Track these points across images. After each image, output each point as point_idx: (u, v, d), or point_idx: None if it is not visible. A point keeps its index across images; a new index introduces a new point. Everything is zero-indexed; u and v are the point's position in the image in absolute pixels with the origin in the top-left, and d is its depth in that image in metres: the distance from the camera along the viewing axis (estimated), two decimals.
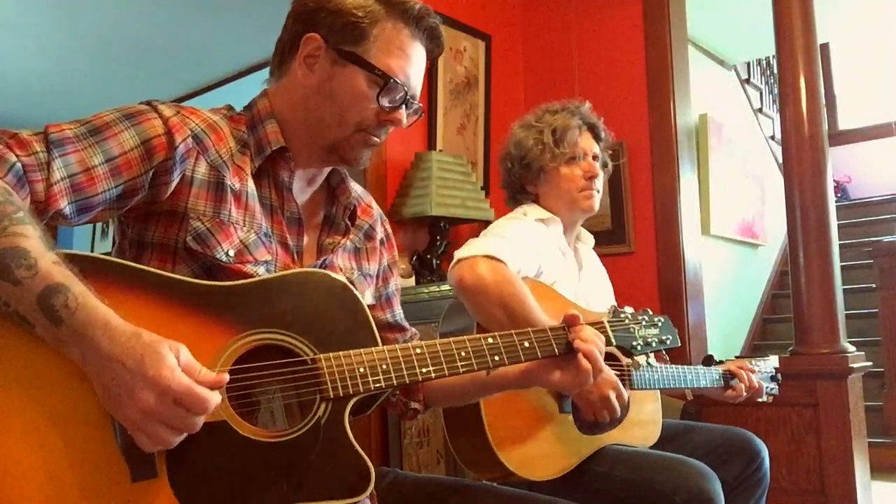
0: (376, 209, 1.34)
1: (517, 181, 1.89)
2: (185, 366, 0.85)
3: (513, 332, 1.15)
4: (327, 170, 1.23)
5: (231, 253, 1.06)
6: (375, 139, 1.17)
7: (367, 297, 1.25)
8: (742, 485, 1.76)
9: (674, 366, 1.80)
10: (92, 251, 5.90)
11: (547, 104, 1.93)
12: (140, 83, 5.38)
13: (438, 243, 3.03)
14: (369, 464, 0.98)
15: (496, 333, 1.13)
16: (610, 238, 3.36)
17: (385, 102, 1.13)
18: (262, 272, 1.08)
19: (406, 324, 1.34)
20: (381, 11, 1.12)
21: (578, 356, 1.16)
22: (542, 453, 1.55)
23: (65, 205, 0.95)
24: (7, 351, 0.85)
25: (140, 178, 1.01)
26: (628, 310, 1.35)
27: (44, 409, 0.85)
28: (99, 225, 6.99)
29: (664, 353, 1.37)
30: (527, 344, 1.15)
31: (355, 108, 1.13)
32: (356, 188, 1.29)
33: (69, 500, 0.84)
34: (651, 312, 1.37)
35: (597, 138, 1.90)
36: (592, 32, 3.60)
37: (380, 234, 1.32)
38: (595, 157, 1.88)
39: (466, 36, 3.43)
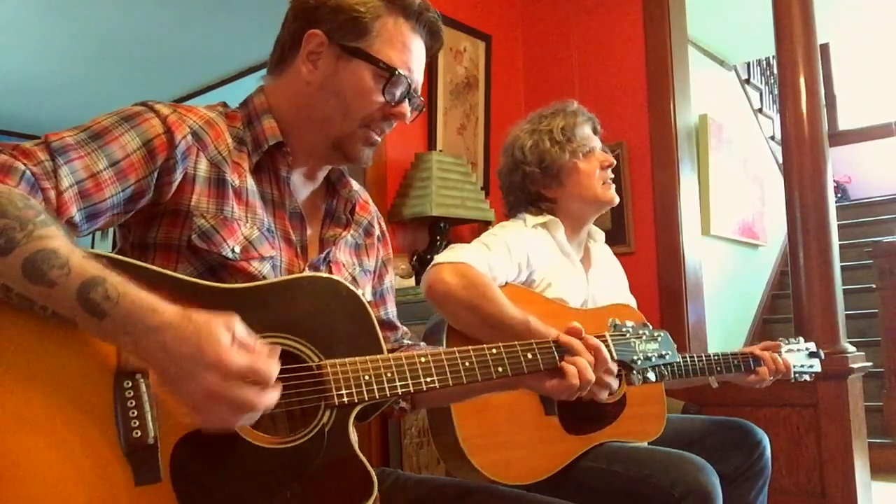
0: (373, 206, 1.35)
1: (533, 188, 1.85)
2: (240, 341, 0.85)
3: (516, 343, 1.15)
4: (327, 167, 1.24)
5: (237, 249, 1.06)
6: (377, 136, 1.18)
7: (366, 294, 1.27)
8: (743, 475, 1.76)
9: (679, 354, 1.76)
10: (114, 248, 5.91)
11: (538, 111, 1.91)
12: (140, 83, 5.38)
13: (438, 243, 3.03)
14: (372, 473, 0.98)
15: (500, 344, 1.14)
16: (610, 238, 3.31)
17: (390, 96, 1.14)
18: (267, 268, 1.08)
19: (398, 322, 1.35)
20: (381, 7, 1.13)
21: (564, 366, 1.17)
22: (524, 457, 1.54)
23: (74, 212, 0.95)
24: (21, 351, 0.85)
25: (146, 180, 1.01)
26: (629, 324, 1.36)
27: (53, 410, 0.85)
28: None
29: (664, 368, 1.36)
30: (530, 356, 1.15)
31: (360, 103, 1.14)
32: (355, 184, 1.30)
33: (74, 500, 0.84)
34: (651, 327, 1.38)
35: (595, 132, 1.91)
36: (592, 32, 3.60)
37: (377, 230, 1.33)
38: (602, 150, 1.90)
39: (466, 36, 3.43)
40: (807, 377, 1.89)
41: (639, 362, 1.31)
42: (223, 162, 1.09)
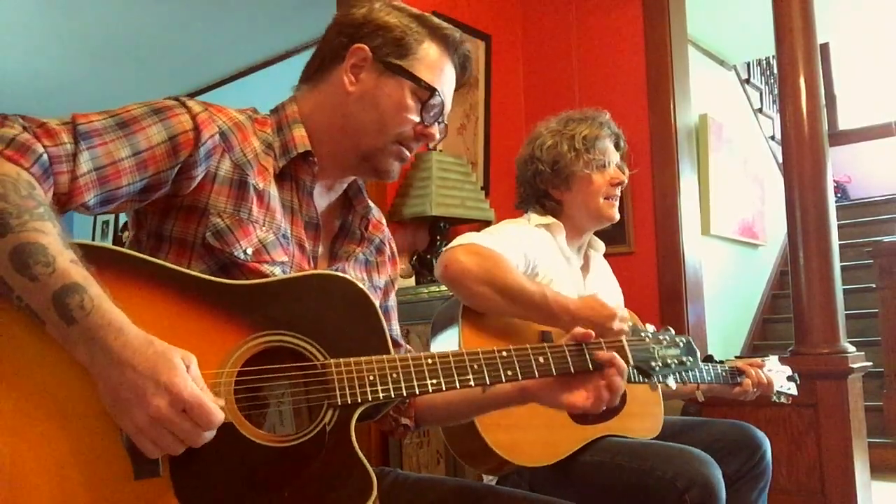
0: (385, 227, 1.36)
1: (542, 186, 1.89)
2: (193, 378, 0.86)
3: (528, 346, 1.13)
4: (348, 180, 1.25)
5: (249, 251, 1.07)
6: (407, 153, 1.20)
7: None
8: (744, 478, 1.77)
9: None
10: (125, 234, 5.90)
11: (568, 113, 1.94)
12: (140, 83, 5.38)
13: (438, 243, 3.03)
14: (372, 474, 0.98)
15: (510, 347, 1.12)
16: (610, 238, 3.32)
17: (426, 115, 1.18)
18: (278, 272, 1.08)
19: (401, 340, 1.35)
20: (425, 33, 1.19)
21: (604, 381, 1.13)
22: (534, 440, 1.56)
23: (89, 197, 0.96)
24: (16, 345, 0.86)
25: (165, 173, 1.02)
26: (650, 328, 1.32)
27: (50, 403, 0.85)
28: (99, 224, 6.99)
29: (684, 374, 1.31)
30: (542, 360, 1.12)
31: (397, 118, 1.17)
32: (370, 203, 1.31)
33: (73, 494, 0.84)
34: (673, 332, 1.34)
35: (617, 147, 1.94)
36: (592, 32, 3.60)
37: (388, 250, 1.35)
38: (618, 167, 1.92)
39: (466, 36, 3.40)
40: (783, 399, 1.99)
41: (658, 369, 1.26)
42: (248, 165, 1.10)
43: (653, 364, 1.26)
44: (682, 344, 1.31)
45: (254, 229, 1.08)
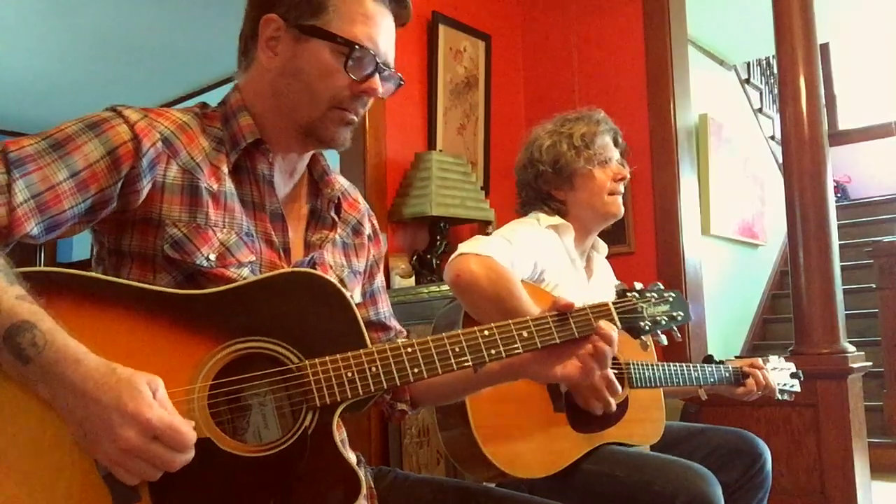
0: (363, 204, 1.30)
1: (545, 188, 1.86)
2: (160, 402, 0.83)
3: (510, 321, 1.08)
4: (307, 158, 1.19)
5: (212, 257, 1.02)
6: (352, 116, 1.12)
7: (355, 295, 1.22)
8: (744, 487, 1.76)
9: (676, 364, 1.80)
10: (92, 252, 5.90)
11: (563, 114, 1.91)
12: (140, 83, 5.37)
13: (438, 243, 3.04)
14: (358, 473, 0.96)
15: (492, 325, 1.07)
16: (610, 238, 3.31)
17: (355, 72, 1.08)
18: (246, 273, 1.04)
19: (392, 322, 1.31)
20: None
21: (590, 347, 1.10)
22: (533, 451, 1.55)
23: (32, 226, 0.91)
24: None
25: (109, 190, 0.97)
26: (637, 286, 1.27)
27: (17, 437, 0.83)
28: None
29: (675, 329, 1.26)
30: (525, 334, 1.07)
31: (325, 83, 1.08)
32: (342, 181, 1.25)
33: None
34: (661, 287, 1.29)
35: (616, 144, 1.91)
36: (592, 32, 3.60)
37: (367, 229, 1.29)
38: (619, 163, 1.90)
39: (466, 36, 3.43)
40: (787, 396, 1.98)
41: (647, 328, 1.22)
42: (197, 168, 1.05)
43: (641, 324, 1.21)
44: (671, 299, 1.27)
45: (213, 233, 1.03)
